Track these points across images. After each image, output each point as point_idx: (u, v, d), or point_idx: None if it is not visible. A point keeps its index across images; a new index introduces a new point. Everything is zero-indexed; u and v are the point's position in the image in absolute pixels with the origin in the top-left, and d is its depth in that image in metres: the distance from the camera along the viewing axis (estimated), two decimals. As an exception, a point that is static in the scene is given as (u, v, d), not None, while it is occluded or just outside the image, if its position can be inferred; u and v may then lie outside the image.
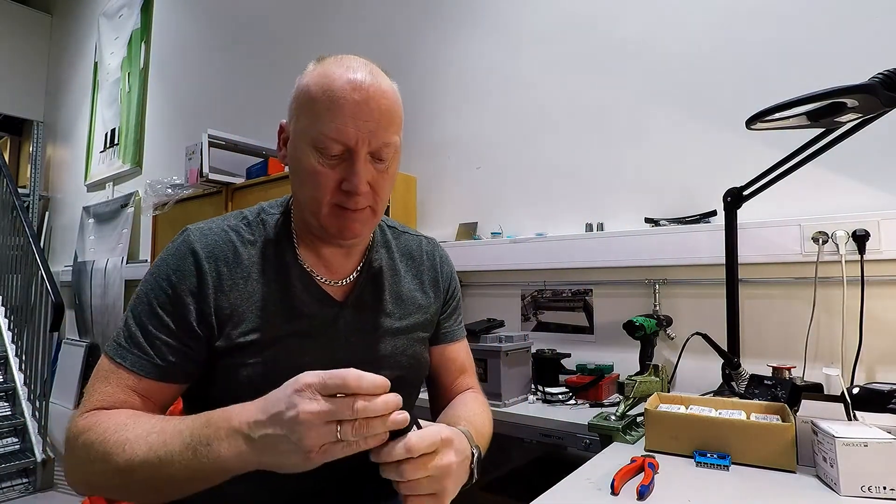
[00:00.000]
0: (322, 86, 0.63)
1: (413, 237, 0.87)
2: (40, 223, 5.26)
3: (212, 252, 0.68)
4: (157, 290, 0.66)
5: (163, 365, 0.64)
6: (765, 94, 1.06)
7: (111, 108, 4.43)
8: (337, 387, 0.49)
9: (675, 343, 1.43)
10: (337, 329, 0.72)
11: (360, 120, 0.63)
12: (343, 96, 0.62)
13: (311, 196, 0.67)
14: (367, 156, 0.65)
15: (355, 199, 0.65)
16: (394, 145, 0.67)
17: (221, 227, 0.71)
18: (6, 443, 2.70)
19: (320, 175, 0.65)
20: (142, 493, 0.57)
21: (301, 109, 0.66)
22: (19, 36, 5.38)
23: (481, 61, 1.98)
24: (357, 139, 0.63)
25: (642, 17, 1.61)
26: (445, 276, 0.87)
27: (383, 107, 0.64)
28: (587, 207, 1.68)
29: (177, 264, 0.67)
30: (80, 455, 0.59)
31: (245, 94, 3.10)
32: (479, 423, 0.73)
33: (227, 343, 0.66)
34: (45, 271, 2.93)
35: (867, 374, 1.20)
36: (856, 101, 0.84)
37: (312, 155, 0.65)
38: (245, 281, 0.69)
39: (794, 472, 0.77)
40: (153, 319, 0.65)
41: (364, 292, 0.76)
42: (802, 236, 1.26)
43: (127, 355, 0.64)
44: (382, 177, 0.68)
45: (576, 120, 1.73)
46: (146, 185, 2.61)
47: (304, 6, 2.77)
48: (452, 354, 0.87)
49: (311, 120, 0.64)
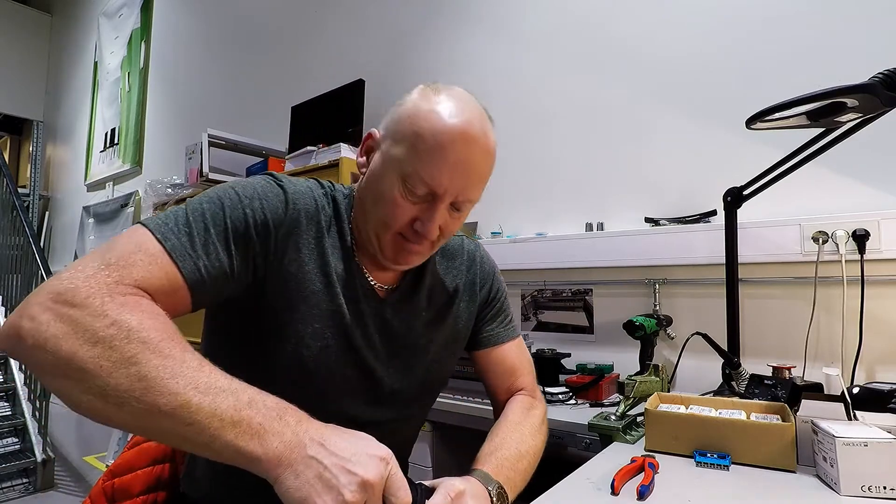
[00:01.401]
0: (433, 125, 0.62)
1: (456, 237, 0.86)
2: (40, 223, 5.27)
3: (297, 201, 0.66)
4: (234, 205, 0.61)
5: (203, 277, 0.57)
6: (765, 94, 1.06)
7: (111, 107, 4.44)
8: (397, 497, 0.48)
9: (675, 343, 1.43)
10: (372, 325, 0.71)
11: (456, 174, 0.62)
12: (451, 147, 0.61)
13: (381, 220, 0.66)
14: (448, 204, 0.65)
15: (422, 240, 0.66)
16: (475, 201, 0.67)
17: (308, 185, 0.69)
18: (6, 443, 2.70)
19: (398, 208, 0.64)
20: (128, 416, 0.45)
21: (403, 137, 0.63)
22: (19, 36, 5.39)
23: (482, 61, 1.98)
24: (447, 190, 0.63)
25: (643, 17, 1.61)
26: (484, 277, 0.85)
27: (483, 167, 0.65)
28: (587, 207, 1.68)
29: (265, 193, 0.64)
30: (96, 326, 0.46)
31: (245, 94, 3.10)
32: (511, 447, 0.71)
33: (279, 299, 0.64)
34: (45, 271, 2.94)
35: (867, 374, 1.20)
36: (856, 101, 0.84)
37: (397, 186, 0.63)
38: (317, 243, 0.67)
39: (794, 472, 0.77)
40: (215, 228, 0.59)
41: (404, 296, 0.75)
42: (802, 236, 1.26)
43: (176, 243, 0.55)
44: (454, 223, 0.68)
45: (576, 120, 1.73)
46: (146, 185, 2.61)
47: (304, 6, 2.77)
48: (499, 357, 0.85)
49: (411, 155, 0.62)
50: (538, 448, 0.76)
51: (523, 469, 0.70)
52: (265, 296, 0.64)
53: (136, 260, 0.52)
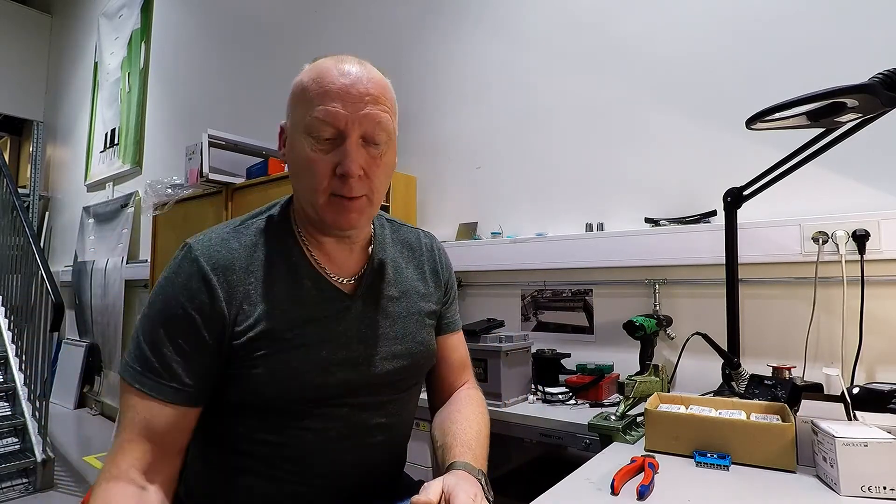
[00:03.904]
0: (313, 76, 0.66)
1: (412, 230, 0.88)
2: (40, 223, 5.27)
3: (217, 263, 0.67)
4: (167, 314, 0.65)
5: (184, 389, 0.64)
6: (765, 94, 1.06)
7: (111, 108, 4.44)
8: None
9: (675, 343, 1.43)
10: (349, 321, 0.72)
11: (348, 102, 0.64)
12: (332, 80, 0.65)
13: (308, 185, 0.67)
14: (360, 140, 0.66)
15: (349, 183, 0.65)
16: (386, 128, 0.67)
17: (221, 235, 0.71)
18: (6, 443, 2.70)
19: (314, 162, 0.66)
20: None
21: (295, 102, 0.68)
22: (19, 36, 5.39)
23: (482, 61, 1.98)
24: (347, 120, 0.64)
25: (643, 16, 1.61)
26: (444, 266, 0.88)
27: (371, 88, 0.66)
28: (587, 207, 1.68)
29: (183, 283, 0.66)
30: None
31: (245, 94, 3.10)
32: (473, 436, 0.74)
33: (243, 344, 0.66)
34: (45, 271, 2.93)
35: (867, 374, 1.20)
36: (856, 101, 0.84)
37: (306, 142, 0.66)
38: (255, 284, 0.68)
39: (794, 472, 0.77)
40: (168, 345, 0.64)
41: (371, 285, 0.76)
42: (802, 236, 1.26)
43: (146, 381, 0.63)
44: (376, 163, 0.68)
45: (576, 120, 1.73)
46: (146, 185, 2.61)
47: (304, 6, 2.77)
48: (453, 344, 0.88)
49: (304, 108, 0.66)
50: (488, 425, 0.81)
51: (485, 453, 0.75)
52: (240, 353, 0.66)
53: (120, 443, 0.62)
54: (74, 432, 3.56)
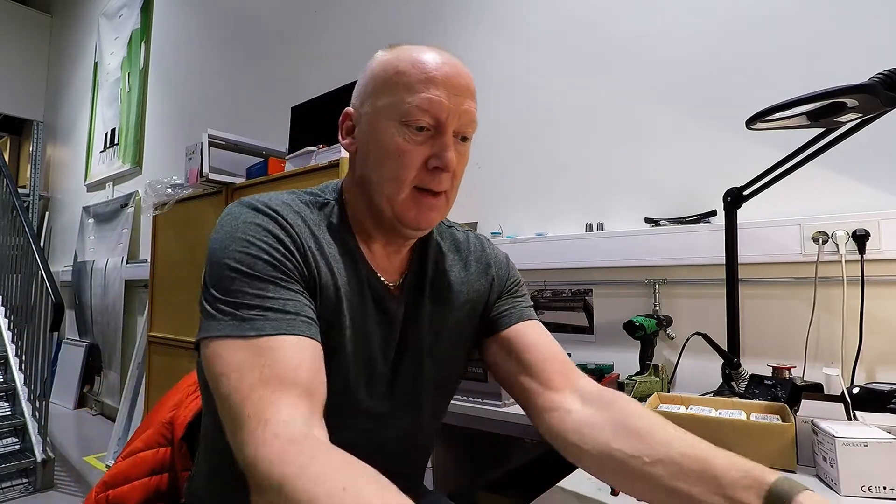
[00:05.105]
0: (411, 60, 0.61)
1: (460, 231, 0.81)
2: (40, 223, 5.27)
3: (293, 221, 0.61)
4: (251, 251, 0.56)
5: (308, 320, 0.55)
6: (765, 95, 1.06)
7: (111, 107, 4.44)
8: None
9: (675, 343, 1.43)
10: (393, 325, 0.68)
11: (451, 92, 0.60)
12: (436, 68, 0.60)
13: (393, 177, 0.61)
14: (453, 134, 0.62)
15: (440, 177, 0.62)
16: (475, 127, 0.64)
17: (285, 200, 0.64)
18: (6, 443, 2.70)
19: (405, 153, 0.60)
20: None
21: (385, 86, 0.62)
22: (19, 36, 5.39)
23: (481, 61, 1.97)
24: (449, 112, 0.60)
25: (643, 17, 1.61)
26: (498, 263, 0.79)
27: (470, 83, 0.63)
28: (587, 207, 1.68)
29: (265, 222, 0.58)
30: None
31: (245, 94, 3.10)
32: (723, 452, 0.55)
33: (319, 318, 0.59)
34: (45, 271, 2.93)
35: (867, 374, 1.20)
36: (856, 101, 0.84)
37: (398, 131, 0.60)
38: (321, 256, 0.62)
39: (794, 472, 0.77)
40: (266, 279, 0.55)
41: (415, 289, 0.71)
42: (802, 236, 1.26)
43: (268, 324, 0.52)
44: (462, 160, 0.64)
45: (576, 120, 1.73)
46: (146, 185, 2.60)
47: (304, 6, 2.77)
48: (526, 332, 0.72)
49: (400, 92, 0.60)
50: None
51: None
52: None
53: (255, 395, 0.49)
54: (74, 432, 3.56)
